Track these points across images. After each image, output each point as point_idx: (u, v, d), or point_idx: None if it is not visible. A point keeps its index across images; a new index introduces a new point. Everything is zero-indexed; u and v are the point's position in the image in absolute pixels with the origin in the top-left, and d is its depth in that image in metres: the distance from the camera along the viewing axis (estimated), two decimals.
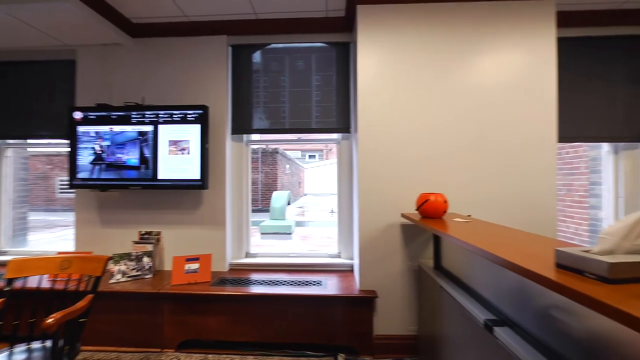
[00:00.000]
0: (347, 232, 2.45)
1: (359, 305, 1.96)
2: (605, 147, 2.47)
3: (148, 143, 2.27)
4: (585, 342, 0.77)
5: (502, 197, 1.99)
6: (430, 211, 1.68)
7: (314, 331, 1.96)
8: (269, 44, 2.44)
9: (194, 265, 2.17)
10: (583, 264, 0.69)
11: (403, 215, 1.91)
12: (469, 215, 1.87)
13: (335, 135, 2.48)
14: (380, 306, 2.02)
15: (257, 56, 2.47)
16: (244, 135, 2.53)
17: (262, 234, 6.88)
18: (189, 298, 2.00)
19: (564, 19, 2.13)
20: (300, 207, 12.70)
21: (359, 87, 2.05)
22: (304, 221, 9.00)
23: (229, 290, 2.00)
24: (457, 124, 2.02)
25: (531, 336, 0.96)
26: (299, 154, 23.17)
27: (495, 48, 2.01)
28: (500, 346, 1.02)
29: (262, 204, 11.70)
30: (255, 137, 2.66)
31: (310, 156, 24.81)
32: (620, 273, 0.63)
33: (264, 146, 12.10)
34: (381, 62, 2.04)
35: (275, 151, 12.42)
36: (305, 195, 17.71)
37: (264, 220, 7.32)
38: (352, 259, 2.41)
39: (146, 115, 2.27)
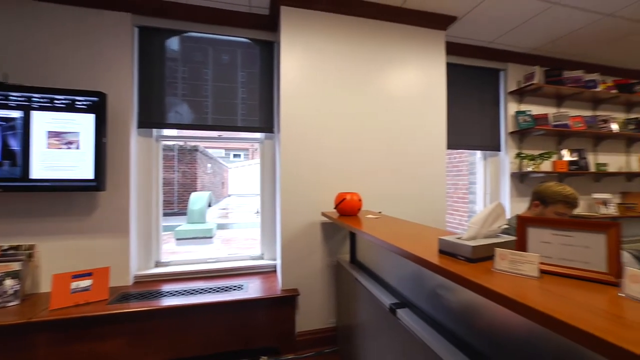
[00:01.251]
0: (271, 232, 2.43)
1: (281, 305, 1.97)
2: (478, 154, 3.10)
3: (15, 133, 1.79)
4: (462, 313, 0.96)
5: (406, 194, 2.30)
6: (347, 209, 1.81)
7: (235, 338, 1.88)
8: (187, 32, 2.23)
9: (85, 282, 1.81)
10: (456, 248, 0.86)
11: (323, 214, 2.01)
12: (380, 212, 2.09)
13: (258, 135, 2.43)
14: (302, 304, 2.08)
15: (173, 43, 2.22)
16: (154, 130, 2.24)
17: (177, 239, 6.20)
18: (75, 323, 1.65)
19: (451, 49, 2.60)
20: (224, 209, 11.97)
21: (281, 88, 2.06)
22: (227, 223, 8.51)
23: (133, 307, 1.74)
24: (371, 130, 2.23)
25: (425, 313, 1.14)
26: (222, 152, 21.76)
27: (401, 63, 2.30)
28: (402, 326, 1.17)
29: (178, 207, 10.55)
30: (169, 132, 2.39)
31: (235, 155, 23.62)
32: (479, 254, 0.81)
33: (181, 143, 10.92)
34: (303, 65, 2.10)
35: (195, 149, 11.35)
36: (229, 196, 16.77)
37: (180, 225, 6.62)
38: (275, 259, 2.40)
39: (11, 97, 1.78)
